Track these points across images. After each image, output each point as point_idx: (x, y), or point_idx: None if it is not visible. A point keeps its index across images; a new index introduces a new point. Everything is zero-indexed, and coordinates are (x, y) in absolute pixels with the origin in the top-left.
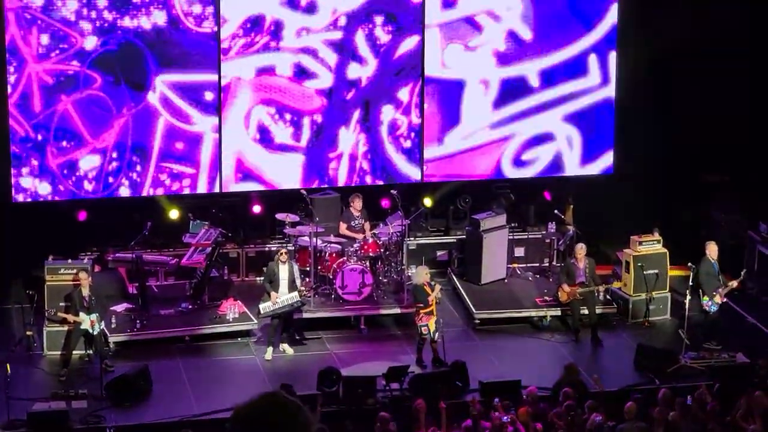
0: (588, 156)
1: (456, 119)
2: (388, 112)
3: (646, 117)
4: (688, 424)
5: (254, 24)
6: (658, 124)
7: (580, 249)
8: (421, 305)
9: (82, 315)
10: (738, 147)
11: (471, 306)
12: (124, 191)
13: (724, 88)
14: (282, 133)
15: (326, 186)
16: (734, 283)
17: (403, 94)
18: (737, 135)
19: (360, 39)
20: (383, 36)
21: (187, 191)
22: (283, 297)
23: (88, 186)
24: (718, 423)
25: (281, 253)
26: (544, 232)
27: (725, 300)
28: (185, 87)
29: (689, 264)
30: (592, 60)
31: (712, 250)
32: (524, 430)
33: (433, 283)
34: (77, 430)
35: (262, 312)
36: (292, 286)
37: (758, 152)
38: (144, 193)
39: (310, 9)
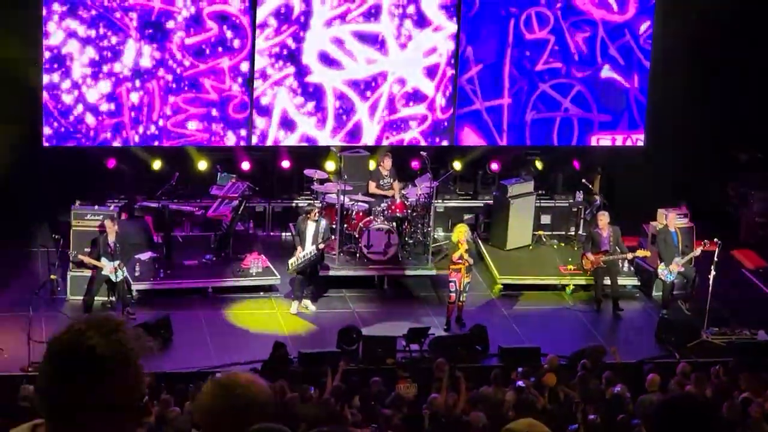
0: (620, 128)
1: None
2: None
3: (679, 90)
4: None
5: None
6: (692, 98)
7: (603, 216)
8: (454, 262)
9: (104, 260)
10: None
11: (495, 270)
12: None
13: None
14: None
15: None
16: (697, 251)
17: None
18: None
19: None
20: None
21: None
22: (305, 252)
23: None
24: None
25: (313, 212)
26: (571, 201)
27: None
28: None
29: (716, 240)
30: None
31: (670, 219)
32: (547, 396)
33: (467, 247)
34: None
35: (290, 268)
36: (315, 241)
37: None
38: None
39: None
